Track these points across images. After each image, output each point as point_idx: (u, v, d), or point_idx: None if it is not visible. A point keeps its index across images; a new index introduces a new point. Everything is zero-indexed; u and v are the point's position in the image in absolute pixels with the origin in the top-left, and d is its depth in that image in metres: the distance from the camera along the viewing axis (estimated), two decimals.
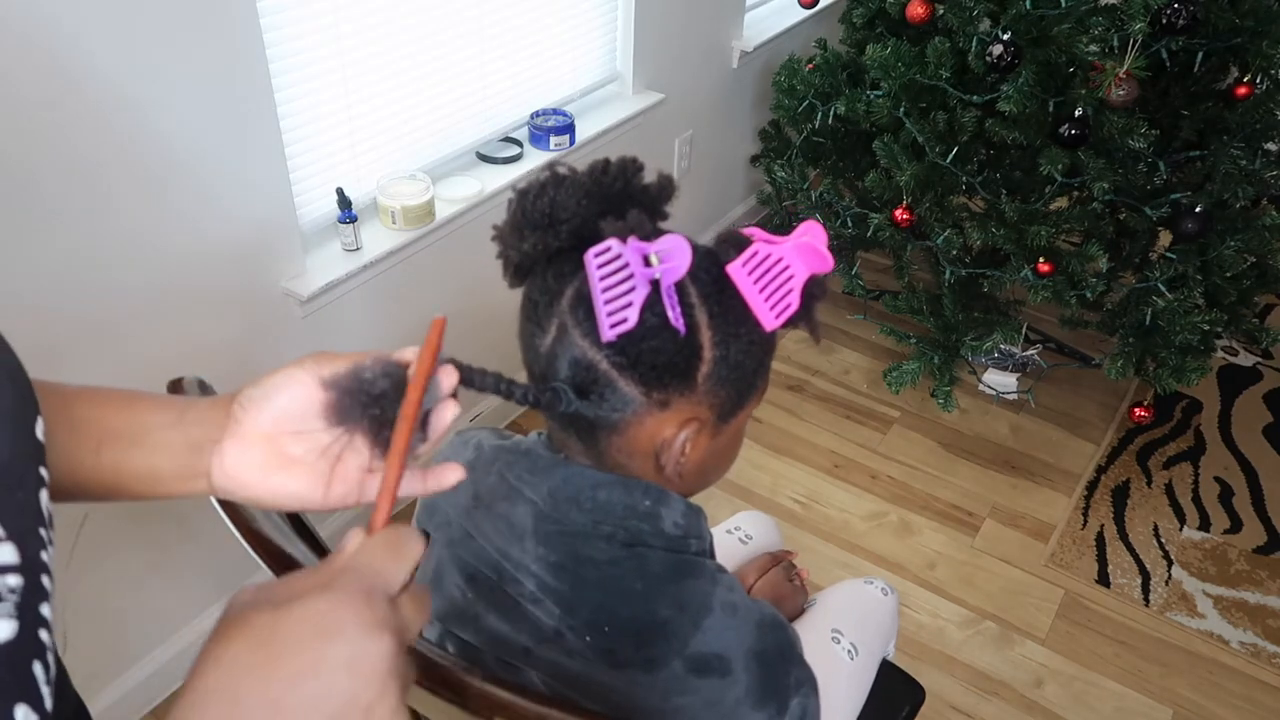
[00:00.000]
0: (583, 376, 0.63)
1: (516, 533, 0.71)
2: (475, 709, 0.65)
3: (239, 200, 1.42)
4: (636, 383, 0.63)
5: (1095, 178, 1.93)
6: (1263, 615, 1.90)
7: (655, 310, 0.60)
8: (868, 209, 2.28)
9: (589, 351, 0.62)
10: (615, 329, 0.59)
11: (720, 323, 0.63)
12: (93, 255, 1.26)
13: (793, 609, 1.15)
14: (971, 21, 1.97)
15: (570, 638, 0.69)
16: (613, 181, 0.63)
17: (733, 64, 2.58)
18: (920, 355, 2.30)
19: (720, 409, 0.66)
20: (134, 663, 1.57)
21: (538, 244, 0.63)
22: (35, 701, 0.39)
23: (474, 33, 1.75)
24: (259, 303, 1.52)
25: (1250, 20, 1.85)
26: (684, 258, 0.60)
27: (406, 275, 1.74)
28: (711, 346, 0.63)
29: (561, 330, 0.63)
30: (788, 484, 2.15)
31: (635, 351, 0.62)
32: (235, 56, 1.32)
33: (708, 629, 0.68)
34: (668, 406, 0.64)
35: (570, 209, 0.62)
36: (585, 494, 0.69)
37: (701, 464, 0.70)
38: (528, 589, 0.71)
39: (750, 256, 0.62)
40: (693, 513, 0.73)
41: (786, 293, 0.63)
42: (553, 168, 0.63)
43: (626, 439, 0.66)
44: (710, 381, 0.64)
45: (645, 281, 0.59)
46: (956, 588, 1.94)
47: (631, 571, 0.69)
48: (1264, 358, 2.59)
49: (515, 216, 0.64)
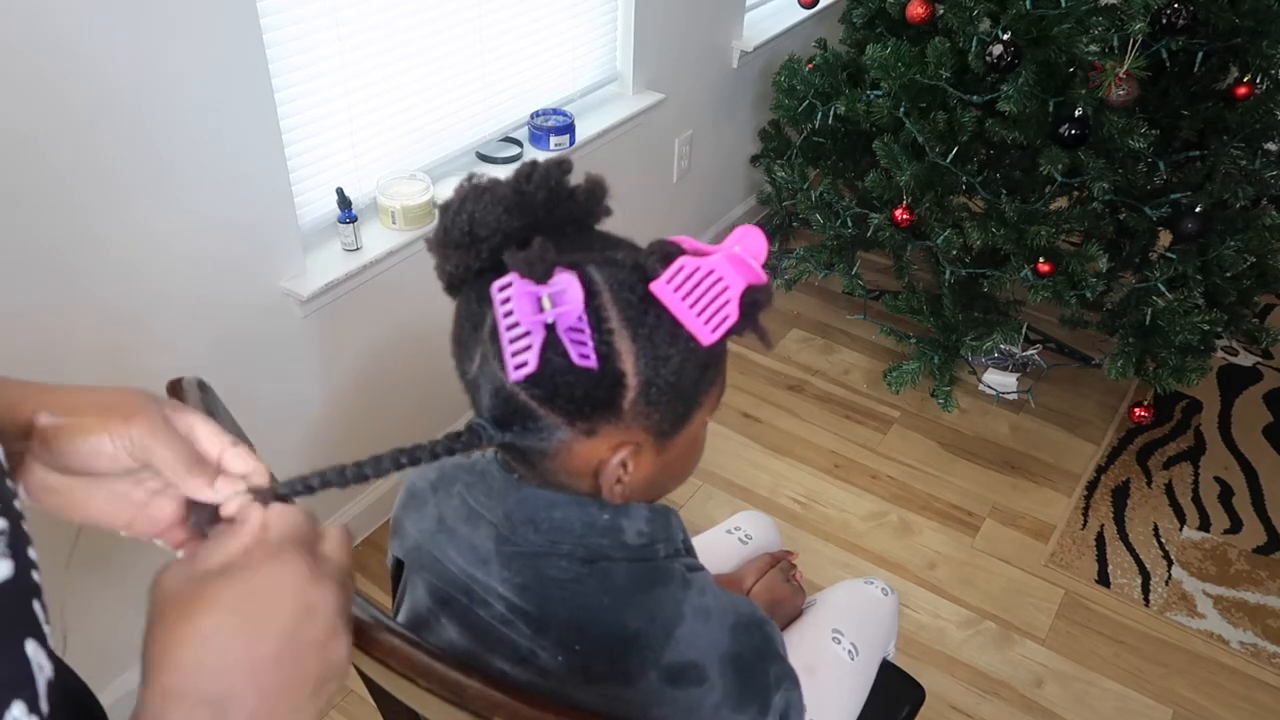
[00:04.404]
0: (503, 407, 0.60)
1: (480, 556, 0.70)
2: (475, 709, 0.65)
3: (239, 200, 1.42)
4: (557, 413, 0.60)
5: (1095, 178, 1.93)
6: (1263, 615, 1.90)
7: (559, 350, 0.57)
8: (868, 209, 2.28)
9: (507, 383, 0.59)
10: (519, 371, 0.56)
11: (645, 345, 0.59)
12: (92, 256, 1.26)
13: (791, 610, 1.15)
14: (971, 21, 1.97)
15: (544, 657, 0.69)
16: (536, 190, 0.59)
17: (733, 64, 2.58)
18: (920, 355, 2.30)
19: (657, 429, 0.63)
20: (134, 663, 1.57)
21: (459, 264, 0.60)
22: (40, 638, 0.40)
23: (474, 32, 1.75)
24: (259, 303, 1.52)
25: (1250, 20, 1.85)
26: (576, 301, 0.56)
27: (406, 275, 1.74)
28: (636, 372, 0.59)
29: (484, 359, 0.61)
30: (788, 484, 2.15)
31: (549, 386, 0.58)
32: (235, 56, 1.32)
33: (680, 638, 0.67)
34: (596, 434, 0.61)
35: (490, 225, 0.58)
36: (540, 515, 0.68)
37: (650, 479, 0.67)
38: (497, 611, 0.70)
39: (675, 272, 0.58)
40: (658, 516, 0.71)
41: (722, 305, 0.58)
42: (472, 178, 0.60)
43: (560, 464, 0.64)
44: (638, 406, 0.60)
45: (539, 326, 0.56)
46: (956, 588, 1.94)
47: (596, 587, 0.68)
48: (1264, 358, 2.59)
49: (438, 233, 0.61)
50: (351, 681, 1.73)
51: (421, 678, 0.66)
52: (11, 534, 0.41)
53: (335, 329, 1.67)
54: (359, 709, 1.64)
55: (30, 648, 0.39)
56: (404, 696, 0.73)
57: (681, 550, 0.73)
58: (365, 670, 0.74)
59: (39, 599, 0.41)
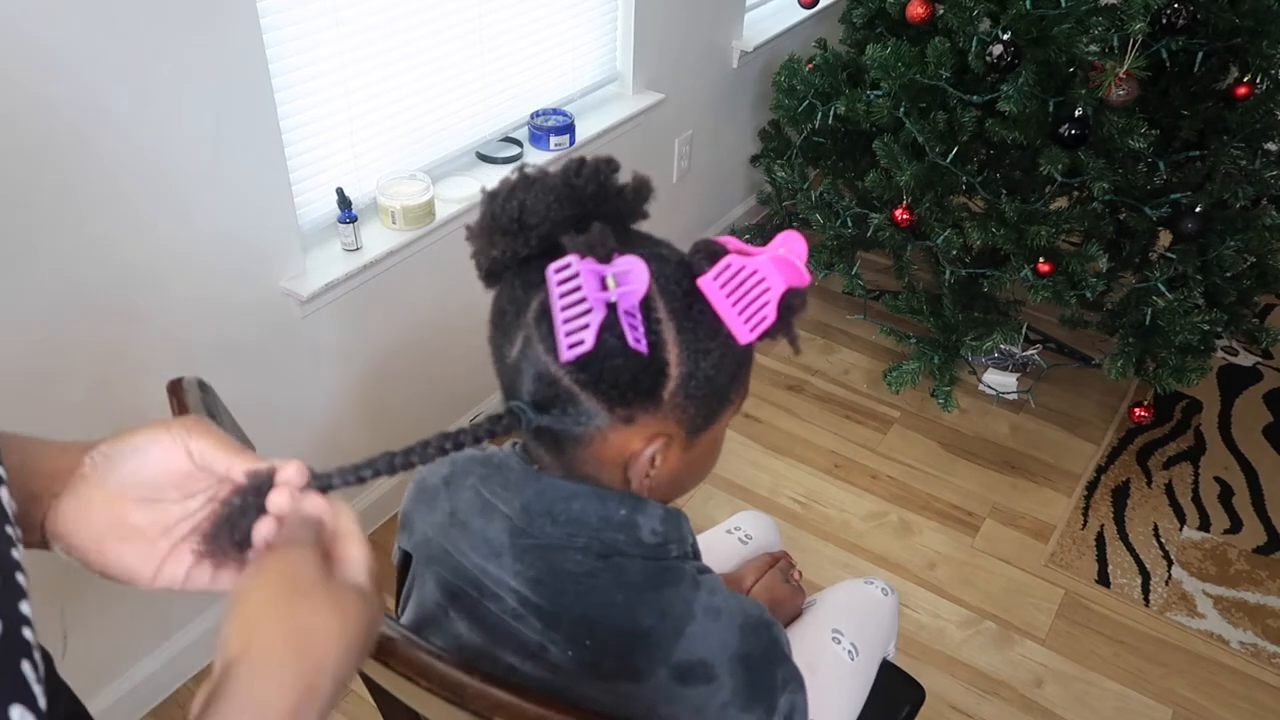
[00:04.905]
0: (545, 391, 0.61)
1: (493, 549, 0.71)
2: (475, 709, 0.65)
3: (239, 200, 1.42)
4: (599, 399, 0.61)
5: (1095, 178, 1.93)
6: (1263, 615, 1.90)
7: (615, 331, 0.58)
8: (868, 209, 2.29)
9: (551, 366, 0.60)
10: (573, 350, 0.57)
11: (689, 338, 0.61)
12: (91, 257, 1.26)
13: (791, 610, 1.15)
14: (971, 21, 1.97)
15: (554, 652, 0.69)
16: (585, 184, 0.60)
17: (733, 64, 2.58)
18: (920, 355, 2.30)
19: (690, 424, 0.64)
20: (134, 663, 1.57)
21: (506, 250, 0.61)
22: (29, 701, 0.39)
23: (474, 32, 1.75)
24: (259, 303, 1.52)
25: (1250, 20, 1.85)
26: (641, 281, 0.57)
27: (406, 275, 1.74)
28: (678, 364, 0.61)
29: (526, 343, 0.61)
30: (788, 484, 2.15)
31: (597, 369, 0.59)
32: (235, 57, 1.32)
33: (691, 635, 0.68)
34: (633, 422, 0.63)
35: (539, 214, 0.59)
36: (559, 506, 0.68)
37: (674, 475, 0.69)
38: (509, 605, 0.70)
39: (723, 269, 0.60)
40: (671, 518, 0.71)
41: (762, 305, 0.60)
42: (522, 169, 0.61)
43: (593, 452, 0.65)
44: (677, 398, 0.62)
45: (601, 305, 0.57)
46: (956, 588, 1.94)
47: (610, 583, 0.68)
48: (1264, 358, 2.59)
49: (484, 220, 0.61)
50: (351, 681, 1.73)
51: (422, 678, 0.66)
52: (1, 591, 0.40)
53: (335, 329, 1.67)
54: (359, 709, 1.64)
55: (16, 713, 0.38)
56: (404, 696, 0.73)
57: (690, 553, 0.74)
58: (365, 670, 0.74)
59: (29, 658, 0.40)
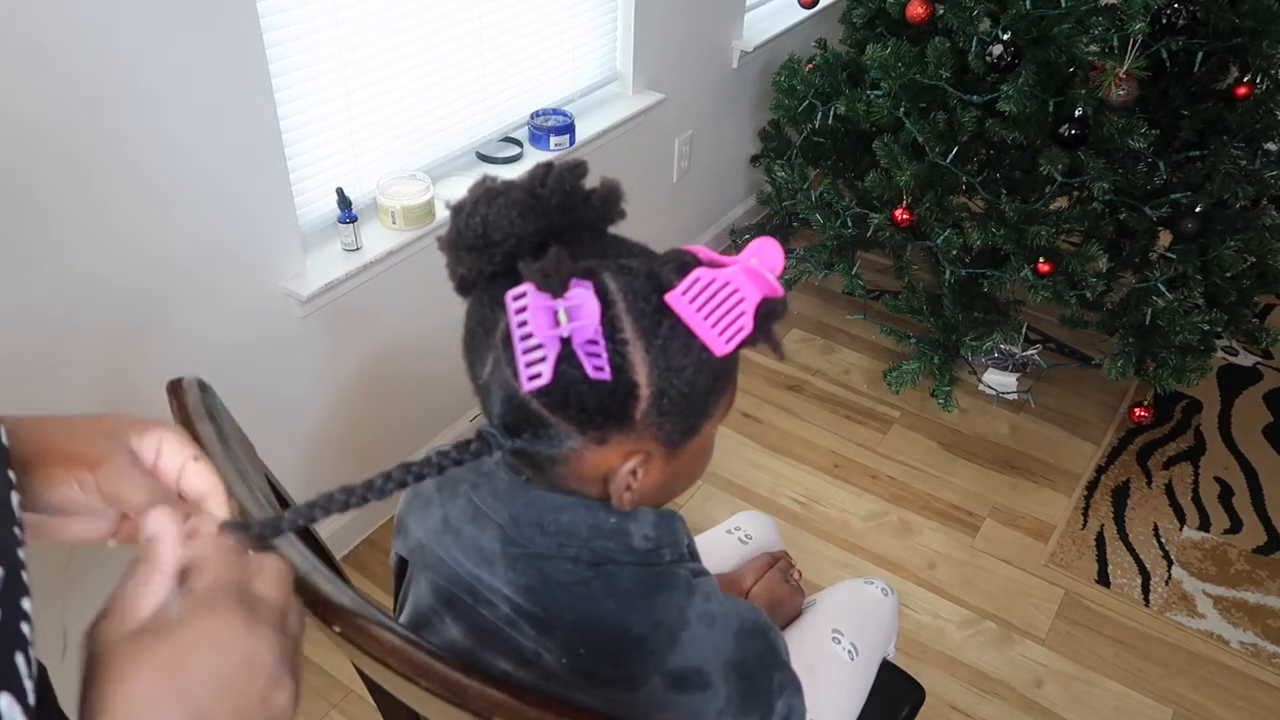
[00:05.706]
0: (515, 414, 0.60)
1: (485, 557, 0.70)
2: (475, 709, 0.65)
3: (239, 200, 1.42)
4: (569, 422, 0.59)
5: (1095, 178, 1.93)
6: (1263, 615, 1.90)
7: (574, 362, 0.57)
8: (868, 209, 2.28)
9: (519, 391, 0.58)
10: (532, 382, 0.56)
11: (658, 356, 0.58)
12: (91, 257, 1.26)
13: (791, 610, 1.15)
14: (971, 21, 1.97)
15: (548, 659, 0.69)
16: (550, 194, 0.57)
17: (733, 64, 2.58)
18: (920, 355, 2.30)
19: (667, 439, 0.63)
20: None
21: (471, 268, 0.59)
22: (19, 692, 0.39)
23: (474, 32, 1.75)
24: (259, 303, 1.52)
25: (1250, 20, 1.85)
26: (592, 316, 0.55)
27: (406, 275, 1.74)
28: (649, 384, 0.58)
29: (496, 364, 0.60)
30: (788, 484, 2.15)
31: (561, 395, 0.58)
32: (235, 57, 1.32)
33: (685, 643, 0.67)
34: (606, 443, 0.61)
35: (504, 230, 0.57)
36: (547, 518, 0.67)
37: (659, 485, 0.67)
38: (503, 611, 0.70)
39: (691, 284, 0.57)
40: (664, 521, 0.71)
41: (737, 316, 0.58)
42: (485, 181, 0.58)
43: (571, 470, 0.64)
44: (650, 417, 0.60)
45: (554, 340, 0.55)
46: (956, 588, 1.94)
47: (601, 591, 0.67)
48: (1264, 358, 2.59)
49: (450, 235, 0.60)
50: (352, 681, 1.73)
51: (422, 678, 0.66)
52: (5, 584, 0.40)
53: (335, 329, 1.67)
54: (359, 709, 1.64)
55: (4, 701, 0.38)
56: (404, 696, 0.73)
57: (686, 555, 0.73)
58: (365, 670, 0.74)
59: (24, 652, 0.40)
